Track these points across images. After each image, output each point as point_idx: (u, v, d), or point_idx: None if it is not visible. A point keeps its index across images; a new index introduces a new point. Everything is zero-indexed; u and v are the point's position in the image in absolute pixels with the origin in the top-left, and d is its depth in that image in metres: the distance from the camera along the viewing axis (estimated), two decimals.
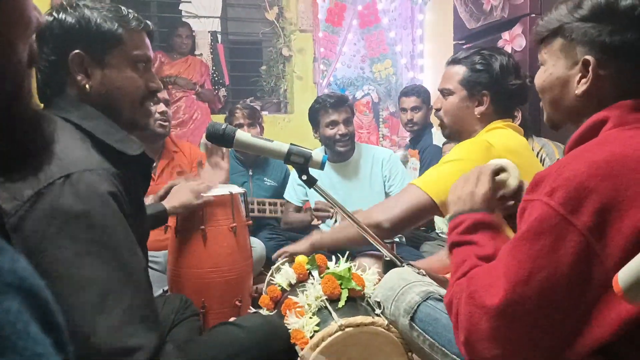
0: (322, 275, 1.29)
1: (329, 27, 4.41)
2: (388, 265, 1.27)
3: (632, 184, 0.72)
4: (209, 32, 4.40)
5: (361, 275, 1.29)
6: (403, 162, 2.84)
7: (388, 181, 2.47)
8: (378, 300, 1.17)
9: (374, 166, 2.48)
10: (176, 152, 2.24)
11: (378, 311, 1.17)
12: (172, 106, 3.16)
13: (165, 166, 2.15)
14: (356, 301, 1.23)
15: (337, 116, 2.37)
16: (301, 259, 1.38)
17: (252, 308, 1.48)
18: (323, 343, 1.10)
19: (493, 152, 1.33)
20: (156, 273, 1.86)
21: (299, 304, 1.22)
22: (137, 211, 0.97)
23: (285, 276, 1.36)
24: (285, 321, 1.21)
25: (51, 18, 0.94)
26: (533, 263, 0.74)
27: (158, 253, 1.93)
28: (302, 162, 1.20)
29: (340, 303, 1.20)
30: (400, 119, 3.49)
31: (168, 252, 1.66)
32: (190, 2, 4.32)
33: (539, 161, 2.08)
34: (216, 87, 4.23)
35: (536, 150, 2.19)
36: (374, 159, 2.48)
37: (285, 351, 1.15)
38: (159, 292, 1.75)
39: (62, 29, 0.93)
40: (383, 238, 1.34)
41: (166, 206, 1.51)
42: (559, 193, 0.74)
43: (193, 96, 3.91)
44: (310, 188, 1.24)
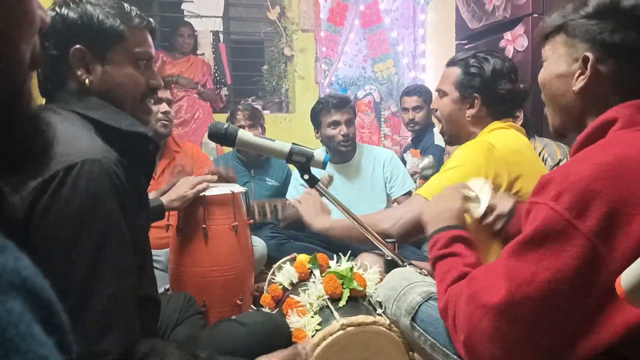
0: (324, 274, 1.29)
1: (331, 27, 4.41)
2: (390, 265, 1.27)
3: (639, 187, 0.72)
4: (211, 32, 4.39)
5: (363, 274, 1.29)
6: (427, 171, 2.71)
7: (389, 182, 2.47)
8: (379, 299, 1.17)
9: (376, 167, 2.48)
10: (177, 152, 2.24)
11: (379, 311, 1.17)
12: (174, 105, 3.16)
13: (166, 166, 2.16)
14: (358, 301, 1.23)
15: (340, 116, 2.37)
16: (303, 258, 1.38)
17: (253, 307, 1.49)
18: (324, 342, 1.11)
19: (495, 154, 1.32)
20: (158, 272, 1.85)
21: (301, 303, 1.23)
22: (140, 200, 0.97)
23: (286, 275, 1.36)
24: (287, 320, 1.21)
25: (54, 13, 0.94)
26: (536, 265, 0.74)
27: (160, 251, 1.93)
28: (304, 162, 1.20)
29: (341, 302, 1.20)
30: (401, 119, 3.49)
31: (170, 251, 1.66)
32: (192, 2, 4.32)
33: (541, 161, 2.07)
34: (218, 87, 4.22)
35: (538, 150, 2.19)
36: (376, 160, 2.48)
37: (286, 347, 1.15)
38: (161, 291, 1.75)
39: (65, 24, 0.94)
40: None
41: (163, 200, 1.52)
42: (565, 197, 0.73)
43: (195, 95, 3.91)
44: (312, 187, 1.24)
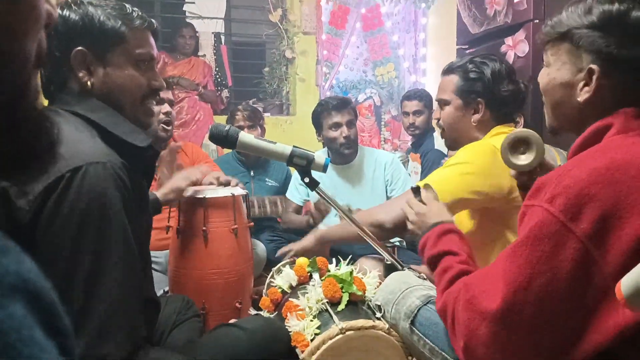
0: (323, 278, 1.29)
1: (332, 30, 4.42)
2: (389, 268, 1.27)
3: (633, 191, 0.72)
4: (213, 33, 4.40)
5: (362, 278, 1.29)
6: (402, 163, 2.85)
7: (390, 185, 2.47)
8: (379, 303, 1.17)
9: (377, 169, 2.48)
10: (178, 153, 2.24)
11: (379, 315, 1.17)
12: (175, 107, 3.16)
13: None
14: (357, 304, 1.23)
15: (340, 118, 2.37)
16: (302, 262, 1.38)
17: (253, 310, 1.48)
18: (324, 346, 1.10)
19: (499, 156, 1.33)
20: (157, 273, 1.85)
21: (300, 307, 1.22)
22: (141, 203, 0.97)
23: (286, 278, 1.36)
24: (286, 324, 1.21)
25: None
26: (532, 269, 0.74)
27: (159, 253, 1.93)
28: (305, 165, 1.20)
29: (341, 306, 1.20)
30: (402, 123, 3.49)
31: (169, 253, 1.66)
32: (194, 3, 4.33)
33: None
34: (219, 88, 4.23)
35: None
36: (377, 163, 2.48)
37: (285, 353, 1.15)
38: (160, 293, 1.75)
39: (66, 26, 0.94)
40: (384, 238, 1.35)
41: (157, 194, 1.52)
42: (560, 200, 0.74)
43: (196, 97, 3.92)
44: (312, 190, 1.24)
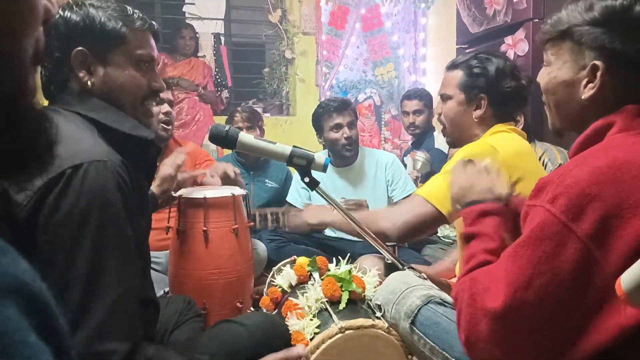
0: (323, 277, 1.29)
1: (332, 30, 4.42)
2: (389, 268, 1.27)
3: (635, 191, 0.72)
4: (212, 34, 4.41)
5: (362, 277, 1.29)
6: (423, 167, 2.76)
7: (391, 185, 2.47)
8: (379, 303, 1.17)
9: (378, 170, 2.48)
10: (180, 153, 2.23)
11: (378, 314, 1.17)
12: (175, 107, 3.17)
13: None
14: (357, 304, 1.23)
15: (341, 119, 2.37)
16: (302, 261, 1.38)
17: (253, 309, 1.49)
18: (323, 345, 1.10)
19: (497, 157, 1.33)
20: (158, 274, 1.86)
21: (300, 306, 1.23)
22: (141, 202, 0.97)
23: (286, 277, 1.36)
24: (285, 322, 1.21)
25: (57, 16, 0.95)
26: (533, 269, 0.74)
27: (159, 254, 1.93)
28: (305, 165, 1.20)
29: (340, 305, 1.20)
30: (402, 122, 3.49)
31: (169, 253, 1.66)
32: (194, 4, 4.33)
33: (542, 165, 2.08)
34: (219, 89, 4.23)
35: (538, 154, 2.19)
36: (378, 164, 2.48)
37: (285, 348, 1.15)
38: (160, 293, 1.75)
39: (67, 27, 0.95)
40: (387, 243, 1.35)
41: (152, 189, 1.51)
42: (561, 200, 0.74)
43: (196, 98, 3.92)
44: (312, 190, 1.24)
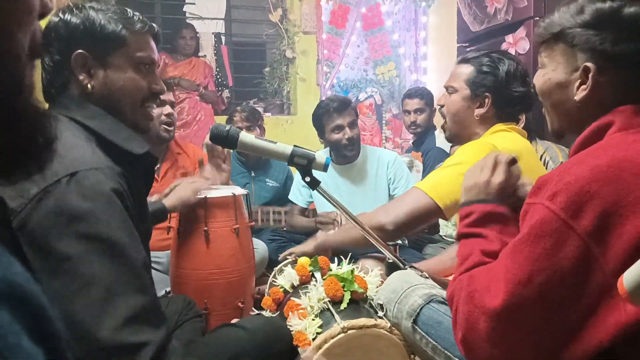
0: (325, 277, 1.29)
1: (333, 29, 4.42)
2: (391, 267, 1.27)
3: (635, 189, 0.72)
4: (213, 34, 4.41)
5: (364, 277, 1.29)
6: (408, 167, 2.84)
7: (392, 184, 2.47)
8: (381, 302, 1.17)
9: (379, 169, 2.47)
10: (179, 154, 2.24)
11: (381, 313, 1.17)
12: (176, 107, 3.17)
13: (168, 168, 2.16)
14: (359, 303, 1.23)
15: (342, 120, 2.37)
16: (304, 261, 1.38)
17: (255, 309, 1.49)
18: (325, 345, 1.10)
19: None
20: (159, 274, 1.86)
21: (302, 306, 1.22)
22: (140, 210, 0.97)
23: (287, 278, 1.36)
24: (287, 323, 1.21)
25: (57, 19, 0.96)
26: (532, 266, 0.74)
27: (161, 254, 1.93)
28: (306, 164, 1.20)
29: (342, 305, 1.19)
30: (403, 121, 3.49)
31: (170, 253, 1.66)
32: (194, 4, 4.34)
33: (543, 164, 2.07)
34: (219, 89, 4.24)
35: (539, 153, 2.19)
36: (379, 162, 2.48)
37: (287, 353, 1.15)
38: (162, 293, 1.75)
39: (67, 30, 0.95)
40: (386, 240, 1.34)
41: (165, 204, 1.52)
42: (561, 197, 0.74)
43: (196, 97, 3.92)
44: (313, 189, 1.24)
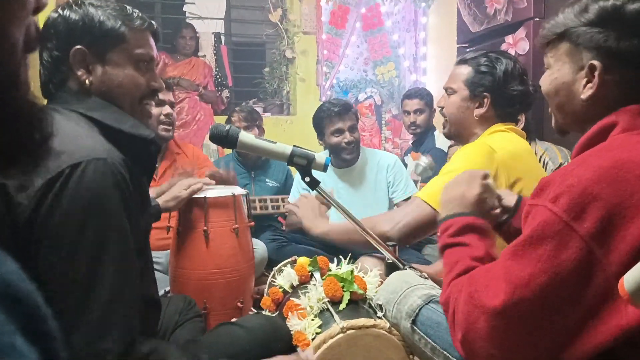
0: (324, 277, 1.29)
1: (332, 30, 4.41)
2: (390, 268, 1.27)
3: (638, 191, 0.72)
4: (213, 34, 4.41)
5: (363, 277, 1.29)
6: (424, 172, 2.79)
7: (392, 187, 2.46)
8: (380, 302, 1.17)
9: (379, 172, 2.47)
10: (178, 154, 2.24)
11: (380, 314, 1.17)
12: (176, 107, 3.17)
13: (167, 167, 2.16)
14: (358, 304, 1.23)
15: (342, 124, 2.36)
16: (303, 261, 1.38)
17: (254, 309, 1.49)
18: (324, 345, 1.10)
19: (496, 157, 1.32)
20: (158, 274, 1.84)
21: (301, 306, 1.22)
22: (142, 200, 0.97)
23: (287, 278, 1.36)
24: (287, 323, 1.21)
25: (56, 15, 0.96)
26: (534, 267, 0.74)
27: (160, 253, 1.93)
28: (305, 164, 1.20)
29: (342, 305, 1.19)
30: (402, 122, 3.49)
31: (170, 253, 1.66)
32: (194, 4, 4.33)
33: (542, 165, 2.07)
34: (219, 89, 4.23)
35: (539, 154, 2.19)
36: (379, 165, 2.48)
37: (286, 352, 1.15)
38: (161, 293, 1.75)
39: (66, 26, 0.95)
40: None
41: (159, 202, 1.53)
42: (563, 199, 0.74)
43: (196, 97, 3.92)
44: (313, 190, 1.24)
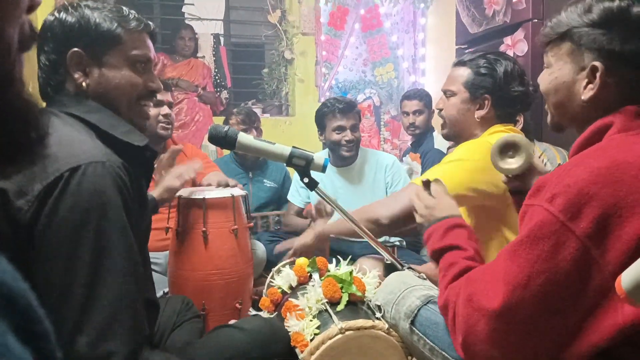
0: (323, 278, 1.29)
1: (331, 31, 4.42)
2: (389, 268, 1.27)
3: (633, 191, 0.72)
4: (212, 35, 4.41)
5: (362, 278, 1.29)
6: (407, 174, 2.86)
7: (390, 187, 2.47)
8: (378, 303, 1.17)
9: (378, 172, 2.47)
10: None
11: (378, 315, 1.17)
12: (174, 108, 3.17)
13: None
14: (357, 304, 1.23)
15: (345, 122, 2.36)
16: (302, 262, 1.38)
17: (253, 310, 1.48)
18: (323, 346, 1.10)
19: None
20: (157, 275, 1.85)
21: (300, 307, 1.22)
22: (140, 203, 0.97)
23: (285, 279, 1.36)
24: (285, 324, 1.21)
25: (52, 18, 0.96)
26: (532, 268, 0.74)
27: (159, 254, 1.93)
28: (304, 165, 1.20)
29: (340, 306, 1.20)
30: (402, 123, 3.49)
31: (169, 254, 1.66)
32: (193, 5, 4.33)
33: None
34: (218, 90, 4.23)
35: (537, 154, 2.19)
36: (378, 165, 2.48)
37: (285, 354, 1.15)
38: (160, 294, 1.75)
39: (63, 29, 0.95)
40: (381, 234, 1.35)
41: (153, 194, 1.52)
42: (559, 199, 0.74)
43: (195, 98, 3.92)
44: (311, 190, 1.24)
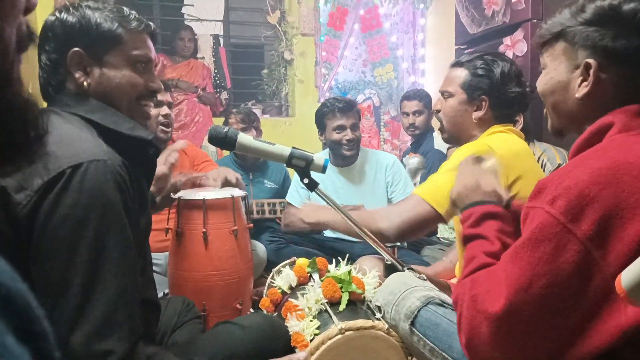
0: (323, 278, 1.29)
1: (331, 31, 4.42)
2: (389, 269, 1.27)
3: (635, 192, 0.72)
4: (211, 36, 4.41)
5: (362, 278, 1.29)
6: (418, 168, 2.87)
7: (390, 187, 2.47)
8: (378, 304, 1.17)
9: (378, 171, 2.47)
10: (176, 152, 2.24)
11: (378, 315, 1.17)
12: (174, 109, 3.17)
13: None
14: (356, 305, 1.23)
15: (345, 121, 2.36)
16: (302, 262, 1.38)
17: (253, 311, 1.49)
18: (323, 346, 1.10)
19: (498, 158, 1.32)
20: (157, 275, 1.84)
21: (300, 307, 1.23)
22: (141, 202, 0.98)
23: (285, 279, 1.36)
24: (285, 324, 1.21)
25: (53, 18, 0.96)
26: (533, 270, 0.74)
27: (159, 255, 1.93)
28: (304, 166, 1.20)
29: (340, 306, 1.20)
30: (401, 123, 3.49)
31: (169, 255, 1.66)
32: (192, 6, 4.34)
33: (540, 166, 2.08)
34: (218, 90, 4.24)
35: (537, 155, 2.19)
36: (378, 164, 2.48)
37: (284, 350, 1.15)
38: (160, 295, 1.74)
39: (63, 29, 0.95)
40: (385, 243, 1.34)
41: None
42: (560, 201, 0.74)
43: (195, 99, 3.92)
44: (311, 191, 1.24)
